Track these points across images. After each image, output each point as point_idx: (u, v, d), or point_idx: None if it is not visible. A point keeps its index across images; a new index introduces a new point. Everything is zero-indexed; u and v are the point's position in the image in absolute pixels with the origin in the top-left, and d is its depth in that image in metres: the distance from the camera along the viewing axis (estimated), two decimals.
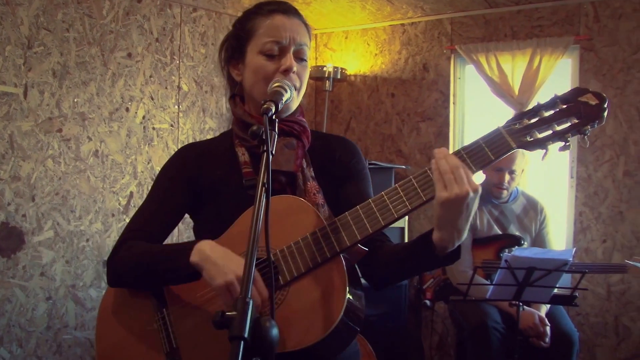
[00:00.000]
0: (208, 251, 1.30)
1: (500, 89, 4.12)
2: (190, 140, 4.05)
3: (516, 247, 3.31)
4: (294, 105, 1.50)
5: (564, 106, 1.27)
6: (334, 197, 1.50)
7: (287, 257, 1.31)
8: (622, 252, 3.77)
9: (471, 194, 1.22)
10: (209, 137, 4.15)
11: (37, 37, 3.24)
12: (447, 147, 4.43)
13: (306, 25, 1.50)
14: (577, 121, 1.26)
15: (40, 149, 3.30)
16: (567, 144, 1.27)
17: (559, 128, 1.27)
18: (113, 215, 3.66)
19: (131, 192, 3.75)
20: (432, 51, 4.55)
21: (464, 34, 4.39)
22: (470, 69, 4.45)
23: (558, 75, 4.04)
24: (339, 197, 1.50)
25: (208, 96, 4.18)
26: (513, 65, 4.09)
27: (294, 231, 1.32)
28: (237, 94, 1.56)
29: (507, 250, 3.33)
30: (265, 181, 1.12)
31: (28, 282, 3.29)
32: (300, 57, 1.47)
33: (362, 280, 1.42)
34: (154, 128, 3.85)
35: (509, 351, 3.09)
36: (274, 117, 1.23)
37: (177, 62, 3.96)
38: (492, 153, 1.26)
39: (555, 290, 3.01)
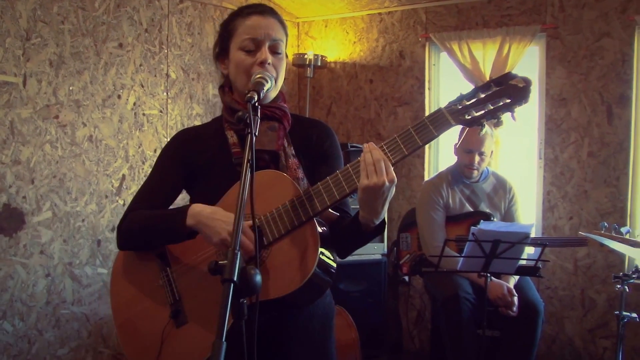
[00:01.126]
0: (199, 214, 1.53)
1: (472, 74, 4.32)
2: (179, 126, 4.25)
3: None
4: (274, 94, 1.71)
5: (497, 89, 1.46)
6: (312, 172, 1.72)
7: (270, 221, 1.53)
8: (588, 229, 3.94)
9: (387, 184, 1.43)
10: (196, 122, 4.36)
11: (35, 29, 3.40)
12: None
13: (282, 23, 1.72)
14: (508, 101, 1.45)
15: (38, 134, 3.47)
16: (499, 120, 1.47)
17: (492, 107, 1.46)
18: (106, 196, 3.85)
19: (123, 175, 3.94)
20: (407, 39, 4.75)
21: (438, 22, 4.59)
22: (444, 56, 4.64)
23: (526, 61, 4.22)
24: (315, 174, 1.72)
25: (195, 83, 4.37)
26: (484, 53, 4.29)
27: (275, 200, 1.54)
28: (225, 84, 1.78)
29: None
30: (249, 158, 1.34)
31: (28, 259, 3.48)
32: (275, 51, 1.68)
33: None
34: (144, 114, 4.04)
35: (478, 320, 3.32)
36: (256, 104, 1.45)
37: (166, 51, 4.13)
38: (434, 129, 1.46)
39: (523, 262, 3.24)
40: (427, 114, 4.68)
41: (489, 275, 3.16)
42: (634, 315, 2.98)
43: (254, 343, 1.29)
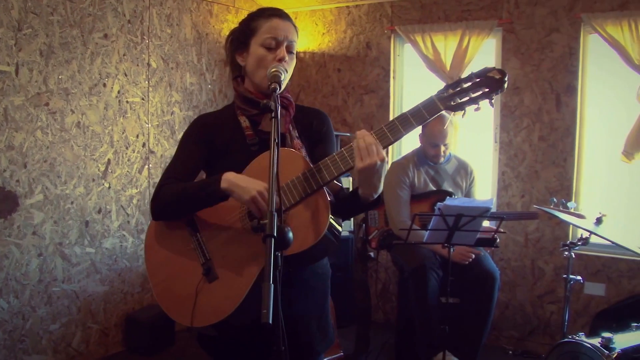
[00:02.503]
0: (233, 178, 1.79)
1: (434, 65, 4.64)
2: (159, 112, 4.46)
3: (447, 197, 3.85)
4: (283, 86, 1.99)
5: (477, 79, 1.75)
6: (311, 152, 2.01)
7: (287, 190, 1.81)
8: (538, 205, 4.35)
9: (379, 163, 1.69)
10: (175, 109, 4.58)
11: (26, 20, 3.55)
12: (388, 117, 4.98)
13: (295, 27, 2.00)
14: (487, 90, 1.74)
15: (30, 121, 3.64)
16: (478, 106, 1.77)
17: (473, 95, 1.75)
18: (93, 180, 4.05)
19: (109, 160, 4.14)
20: (374, 31, 5.05)
21: (403, 16, 4.90)
22: (408, 47, 4.96)
23: (484, 53, 4.56)
24: (313, 153, 2.00)
25: (174, 72, 4.57)
26: (445, 45, 4.61)
27: (290, 172, 1.81)
28: (238, 75, 2.04)
29: None
30: (275, 137, 1.62)
31: (22, 240, 3.65)
32: (289, 51, 1.96)
33: None
34: (127, 101, 4.23)
35: (443, 288, 3.64)
36: (278, 94, 1.73)
37: (147, 41, 4.32)
38: (427, 114, 1.75)
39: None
40: (391, 101, 5.02)
41: (452, 247, 3.50)
42: (579, 277, 3.38)
43: (278, 290, 1.55)
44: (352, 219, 4.98)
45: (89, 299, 4.09)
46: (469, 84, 1.76)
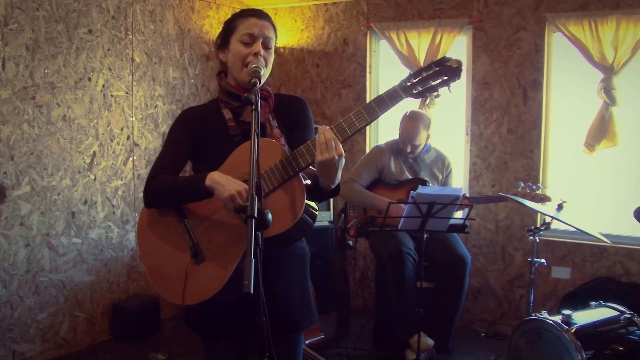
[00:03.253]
0: (216, 178, 1.94)
1: (408, 60, 4.82)
2: (143, 106, 4.58)
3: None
4: (264, 80, 2.14)
5: (437, 68, 1.90)
6: (290, 138, 2.16)
7: (265, 177, 1.97)
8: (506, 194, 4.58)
9: (336, 158, 1.84)
10: (158, 102, 4.70)
11: (12, 15, 3.65)
12: None
13: (273, 26, 2.15)
14: (445, 78, 1.90)
15: (17, 114, 3.73)
16: (438, 93, 1.93)
17: (433, 83, 1.91)
18: (79, 172, 4.16)
19: (94, 152, 4.25)
20: (351, 28, 5.22)
21: (378, 13, 5.07)
22: (383, 43, 5.13)
23: (456, 50, 4.76)
24: (292, 139, 2.15)
25: (157, 67, 4.69)
26: (419, 41, 4.79)
27: (268, 160, 1.96)
28: (222, 71, 2.20)
29: None
30: (256, 128, 1.78)
31: (10, 231, 3.75)
32: (266, 47, 2.11)
33: None
34: (112, 95, 4.35)
35: (417, 272, 3.84)
36: (257, 88, 1.89)
37: (131, 37, 4.44)
38: (390, 102, 1.90)
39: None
40: (368, 95, 5.19)
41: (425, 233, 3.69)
42: (543, 260, 3.59)
43: (259, 266, 1.70)
44: (332, 209, 5.16)
45: (76, 289, 4.20)
46: (429, 72, 1.91)
